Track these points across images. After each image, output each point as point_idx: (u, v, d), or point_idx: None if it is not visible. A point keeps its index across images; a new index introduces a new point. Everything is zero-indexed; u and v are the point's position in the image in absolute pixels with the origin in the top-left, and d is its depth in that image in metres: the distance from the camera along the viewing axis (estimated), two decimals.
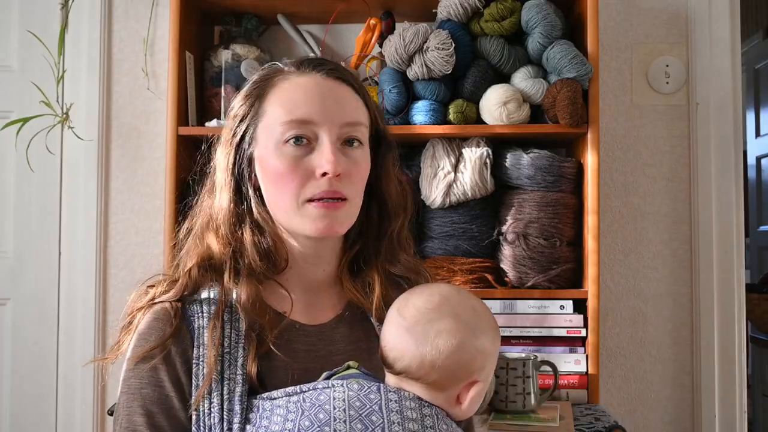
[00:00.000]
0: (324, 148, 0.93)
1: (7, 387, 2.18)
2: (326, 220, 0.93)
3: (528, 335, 1.82)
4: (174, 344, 0.91)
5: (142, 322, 0.94)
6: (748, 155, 3.78)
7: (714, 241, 2.05)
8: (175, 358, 0.90)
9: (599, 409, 1.71)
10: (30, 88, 2.11)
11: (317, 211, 0.93)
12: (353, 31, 2.09)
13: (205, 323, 0.92)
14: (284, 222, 0.97)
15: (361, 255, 1.04)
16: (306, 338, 0.97)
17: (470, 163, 1.83)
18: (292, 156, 0.93)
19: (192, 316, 0.93)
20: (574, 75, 1.77)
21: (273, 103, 0.96)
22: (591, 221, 1.80)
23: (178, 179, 1.88)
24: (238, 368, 0.90)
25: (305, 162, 0.93)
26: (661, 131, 2.10)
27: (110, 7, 2.20)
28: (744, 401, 2.05)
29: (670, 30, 2.11)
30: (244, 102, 0.99)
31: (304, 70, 0.98)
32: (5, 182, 2.21)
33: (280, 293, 0.98)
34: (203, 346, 0.91)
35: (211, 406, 0.87)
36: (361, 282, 1.03)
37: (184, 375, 0.90)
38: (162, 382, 0.90)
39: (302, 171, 0.93)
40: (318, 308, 1.01)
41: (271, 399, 0.88)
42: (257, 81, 1.00)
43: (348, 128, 0.95)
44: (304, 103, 0.94)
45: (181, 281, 0.96)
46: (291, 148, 0.93)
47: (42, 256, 2.19)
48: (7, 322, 2.20)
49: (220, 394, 0.88)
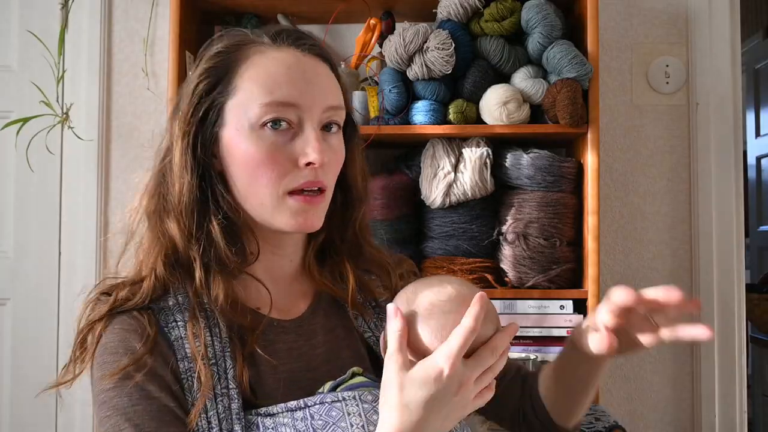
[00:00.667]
0: (308, 134, 0.84)
1: (7, 387, 2.18)
2: (305, 215, 0.85)
3: (528, 335, 1.82)
4: (154, 359, 0.80)
5: (106, 335, 0.82)
6: (748, 155, 3.78)
7: (714, 241, 2.05)
8: (161, 372, 0.80)
9: (599, 409, 1.71)
10: (30, 88, 2.11)
11: (298, 206, 0.85)
12: (353, 31, 2.09)
13: (183, 333, 0.82)
14: (256, 213, 0.87)
15: (327, 243, 0.97)
16: (285, 335, 0.90)
17: (470, 163, 1.83)
18: (271, 142, 0.84)
19: (165, 327, 0.83)
20: (574, 75, 1.77)
21: (247, 79, 0.85)
22: (591, 221, 1.80)
23: None
24: (229, 381, 0.81)
25: (286, 149, 0.84)
26: (661, 131, 2.10)
27: (110, 7, 2.20)
28: (744, 401, 2.05)
29: (670, 30, 2.11)
30: (208, 74, 0.87)
31: (281, 44, 0.87)
32: (5, 182, 2.21)
33: (251, 289, 0.90)
34: (188, 359, 0.81)
35: (210, 426, 0.78)
36: (329, 271, 0.97)
37: (178, 388, 0.81)
38: (155, 394, 0.79)
39: (283, 159, 0.84)
40: (289, 301, 0.93)
41: (270, 415, 0.80)
42: (224, 51, 0.88)
43: (330, 112, 0.87)
44: (286, 83, 0.84)
45: (146, 283, 0.85)
46: (269, 132, 0.84)
47: (42, 256, 2.19)
48: (7, 322, 2.20)
49: (216, 414, 0.79)
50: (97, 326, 0.84)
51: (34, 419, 2.17)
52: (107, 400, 0.80)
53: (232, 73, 0.86)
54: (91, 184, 2.16)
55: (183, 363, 0.81)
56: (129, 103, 2.19)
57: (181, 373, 0.81)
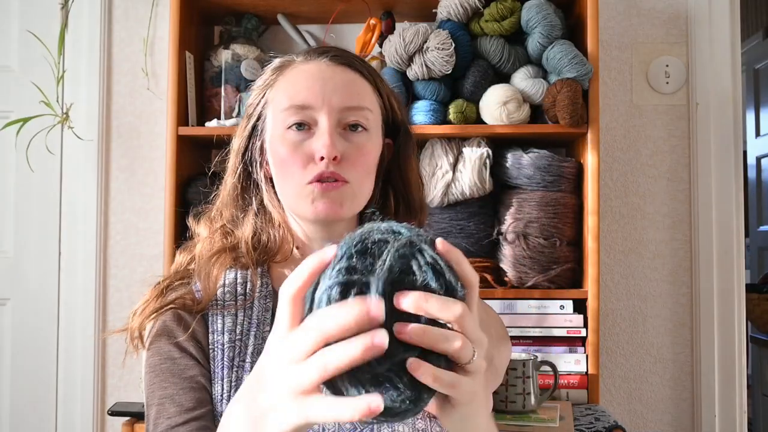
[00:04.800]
0: (321, 131, 0.93)
1: (7, 387, 2.18)
2: (324, 200, 0.92)
3: (528, 335, 1.82)
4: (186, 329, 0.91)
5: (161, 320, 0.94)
6: (748, 155, 3.78)
7: (714, 241, 2.05)
8: (186, 343, 0.91)
9: (599, 409, 1.71)
10: (30, 88, 2.11)
11: (316, 192, 0.92)
12: (353, 31, 2.09)
13: (218, 309, 0.93)
14: (292, 207, 0.97)
15: None
16: None
17: (469, 163, 1.83)
18: (293, 141, 0.94)
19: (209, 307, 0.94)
20: (574, 75, 1.77)
21: (279, 91, 0.97)
22: (591, 221, 1.80)
23: (178, 179, 1.88)
24: (247, 356, 0.90)
25: (305, 146, 0.93)
26: (661, 131, 2.10)
27: (110, 7, 2.20)
28: (744, 401, 2.05)
29: (670, 30, 2.11)
30: (257, 92, 1.01)
31: (310, 57, 0.98)
32: (5, 182, 2.21)
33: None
34: (217, 332, 0.91)
35: (223, 392, 0.88)
36: None
37: (203, 360, 0.91)
38: (178, 357, 0.90)
39: (302, 155, 0.93)
40: None
41: None
42: (270, 71, 1.01)
43: (348, 113, 0.94)
44: (304, 88, 0.94)
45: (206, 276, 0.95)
46: (293, 133, 0.94)
47: (42, 256, 2.19)
48: (7, 322, 2.20)
49: (230, 381, 0.89)
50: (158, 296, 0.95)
51: (34, 419, 2.17)
52: (146, 359, 0.93)
53: (272, 87, 0.99)
54: (91, 184, 2.16)
55: (213, 335, 0.92)
56: (129, 103, 2.19)
57: (209, 344, 0.91)
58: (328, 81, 0.94)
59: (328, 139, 0.91)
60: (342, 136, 0.94)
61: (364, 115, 0.95)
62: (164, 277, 0.99)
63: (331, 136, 0.92)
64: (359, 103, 0.95)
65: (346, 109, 0.94)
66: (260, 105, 0.99)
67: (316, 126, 0.94)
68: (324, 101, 0.93)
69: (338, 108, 0.94)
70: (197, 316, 0.92)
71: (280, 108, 0.95)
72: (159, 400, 0.89)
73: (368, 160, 0.96)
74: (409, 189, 1.03)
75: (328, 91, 0.94)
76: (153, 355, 0.92)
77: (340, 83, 0.95)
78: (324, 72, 0.95)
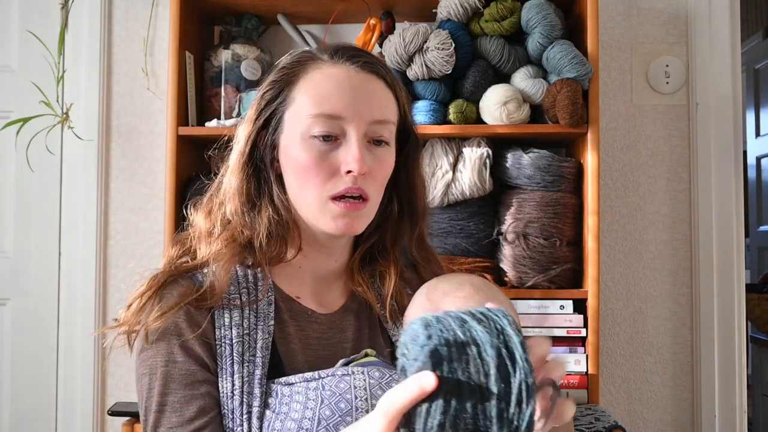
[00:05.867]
0: (351, 145, 0.90)
1: (7, 387, 2.18)
2: (346, 219, 0.91)
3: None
4: (192, 329, 0.88)
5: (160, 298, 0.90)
6: (748, 155, 3.78)
7: (714, 241, 2.05)
8: (191, 340, 0.88)
9: (599, 409, 1.71)
10: (30, 88, 2.11)
11: (339, 210, 0.91)
12: (353, 31, 2.09)
13: (225, 303, 0.91)
14: (305, 214, 0.95)
15: (376, 248, 1.03)
16: (318, 326, 0.97)
17: (469, 163, 1.83)
18: (318, 150, 0.91)
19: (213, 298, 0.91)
20: (574, 75, 1.77)
21: (303, 92, 0.93)
22: (591, 221, 1.80)
23: (178, 179, 1.89)
24: (257, 350, 0.89)
25: (331, 157, 0.91)
26: (661, 131, 2.10)
27: (110, 7, 2.20)
28: (744, 401, 2.05)
29: (670, 30, 2.11)
30: (273, 86, 0.96)
31: (337, 60, 0.94)
32: (5, 182, 2.21)
33: (294, 279, 0.98)
34: (225, 327, 0.89)
35: (233, 388, 0.87)
36: (369, 274, 1.03)
37: (209, 355, 0.88)
38: (180, 358, 0.87)
39: (327, 166, 0.91)
40: (327, 297, 1.01)
41: (289, 384, 0.87)
42: (289, 65, 0.96)
43: (376, 126, 0.92)
44: (334, 96, 0.91)
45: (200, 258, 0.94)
46: (318, 142, 0.91)
47: (42, 256, 2.19)
48: (7, 322, 2.20)
49: (241, 377, 0.87)
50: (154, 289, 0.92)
51: (34, 419, 2.17)
52: (146, 358, 0.89)
53: (292, 85, 0.94)
54: (91, 184, 2.16)
55: (220, 330, 0.89)
56: (129, 103, 2.19)
57: (216, 339, 0.89)
58: (358, 91, 0.92)
59: (358, 154, 0.89)
60: (368, 149, 0.92)
61: (389, 129, 0.94)
62: (161, 270, 0.95)
63: (360, 150, 0.90)
64: (387, 116, 0.94)
65: (374, 122, 0.92)
66: (278, 101, 0.95)
67: (343, 137, 0.91)
68: (355, 113, 0.90)
69: (368, 121, 0.91)
70: (207, 313, 0.90)
71: (306, 113, 0.91)
72: (158, 406, 0.87)
73: (386, 174, 0.96)
74: (414, 194, 1.02)
75: (358, 103, 0.91)
76: (155, 356, 0.88)
77: (370, 94, 0.93)
78: (353, 80, 0.92)
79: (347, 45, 0.97)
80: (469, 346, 0.59)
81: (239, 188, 0.95)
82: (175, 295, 0.90)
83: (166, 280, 0.92)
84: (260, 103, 0.96)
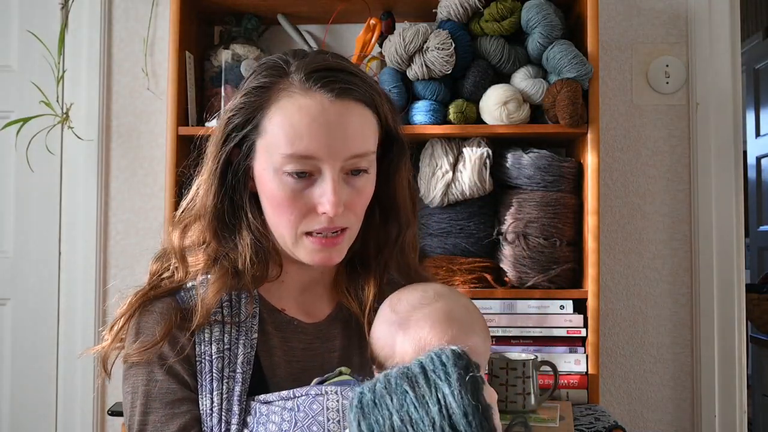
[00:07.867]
0: (326, 185, 0.86)
1: (7, 387, 2.18)
2: (323, 253, 0.90)
3: (528, 335, 1.82)
4: (171, 346, 0.88)
5: (140, 317, 0.91)
6: (748, 155, 3.78)
7: (714, 241, 2.05)
8: (171, 358, 0.88)
9: (599, 409, 1.71)
10: (30, 88, 2.11)
11: (314, 246, 0.89)
12: (353, 31, 2.09)
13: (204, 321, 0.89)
14: (282, 244, 0.93)
15: (358, 256, 1.01)
16: (304, 336, 0.96)
17: (469, 163, 1.83)
18: (292, 188, 0.87)
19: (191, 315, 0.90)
20: (574, 75, 1.77)
21: (275, 123, 0.87)
22: (591, 221, 1.80)
23: (178, 179, 1.88)
24: (237, 366, 0.88)
25: (305, 195, 0.88)
26: (661, 131, 2.10)
27: (110, 7, 2.20)
28: (744, 401, 2.05)
29: (670, 30, 2.11)
30: (241, 110, 0.91)
31: (310, 86, 0.87)
32: (5, 182, 2.21)
33: (278, 291, 0.97)
34: (205, 343, 0.88)
35: (212, 406, 0.86)
36: (354, 283, 1.01)
37: (188, 371, 0.88)
38: (160, 377, 0.88)
39: (302, 205, 0.88)
40: (313, 306, 1.00)
41: (267, 403, 0.86)
42: (259, 87, 0.91)
43: (354, 160, 0.88)
44: (306, 136, 0.85)
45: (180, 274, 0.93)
46: (291, 179, 0.87)
47: (42, 256, 2.19)
48: (7, 322, 2.20)
49: (220, 394, 0.86)
50: (135, 309, 0.92)
51: (34, 419, 2.17)
52: (129, 376, 0.89)
53: (262, 113, 0.89)
54: (91, 184, 2.16)
55: (200, 347, 0.88)
56: (129, 103, 2.19)
57: (196, 356, 0.88)
58: (334, 127, 0.86)
59: (333, 197, 0.86)
60: (344, 181, 0.88)
61: (368, 159, 0.90)
62: (142, 289, 0.93)
63: (336, 192, 0.86)
64: (365, 149, 0.89)
65: (351, 157, 0.88)
66: (248, 128, 0.90)
67: (318, 174, 0.87)
68: (330, 152, 0.86)
69: (344, 158, 0.87)
70: (187, 331, 0.88)
71: (278, 151, 0.86)
72: (140, 426, 0.87)
73: (366, 200, 0.93)
74: (395, 201, 0.98)
75: (333, 141, 0.86)
76: (136, 375, 0.88)
77: (345, 128, 0.87)
78: (328, 114, 0.86)
79: (321, 64, 0.89)
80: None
81: (213, 211, 0.92)
82: (157, 325, 0.88)
83: (144, 302, 0.91)
84: (227, 126, 0.91)
